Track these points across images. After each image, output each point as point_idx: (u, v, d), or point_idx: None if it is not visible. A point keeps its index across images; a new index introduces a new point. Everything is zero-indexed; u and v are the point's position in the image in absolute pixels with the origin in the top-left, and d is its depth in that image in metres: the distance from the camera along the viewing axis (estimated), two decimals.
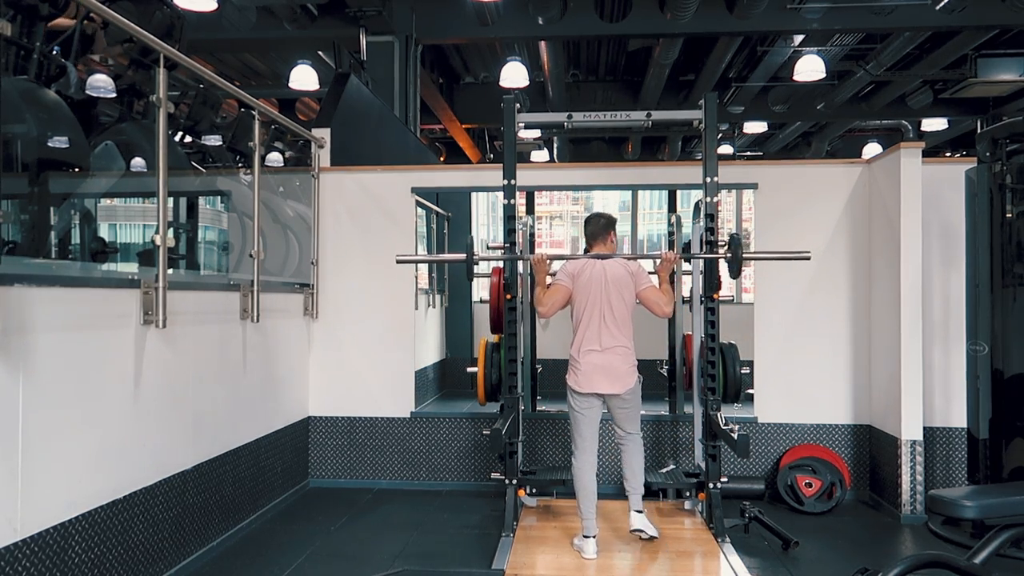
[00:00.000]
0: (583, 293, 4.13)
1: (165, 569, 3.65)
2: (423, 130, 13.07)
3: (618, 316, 4.10)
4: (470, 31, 8.97)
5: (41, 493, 2.81)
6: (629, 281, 4.13)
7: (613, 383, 4.08)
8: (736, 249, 4.21)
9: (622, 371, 4.09)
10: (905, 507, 4.74)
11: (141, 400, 3.45)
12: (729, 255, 4.27)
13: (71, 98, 4.68)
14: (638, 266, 4.22)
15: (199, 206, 6.67)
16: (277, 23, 8.87)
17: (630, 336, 4.15)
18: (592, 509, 4.08)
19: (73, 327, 3.02)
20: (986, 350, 4.46)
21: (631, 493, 4.22)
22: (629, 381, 4.11)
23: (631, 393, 4.14)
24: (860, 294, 5.32)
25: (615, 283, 4.11)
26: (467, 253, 4.48)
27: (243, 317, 4.45)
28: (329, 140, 5.76)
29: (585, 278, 4.14)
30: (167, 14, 5.74)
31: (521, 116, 4.77)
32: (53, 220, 4.59)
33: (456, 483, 5.57)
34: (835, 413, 5.33)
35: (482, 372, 4.96)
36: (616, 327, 4.09)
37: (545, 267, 4.24)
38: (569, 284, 4.17)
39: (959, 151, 15.20)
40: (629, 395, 4.13)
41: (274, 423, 4.99)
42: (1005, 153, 4.43)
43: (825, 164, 6.33)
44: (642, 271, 4.21)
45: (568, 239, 20.39)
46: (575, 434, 4.18)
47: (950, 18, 8.45)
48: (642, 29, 8.91)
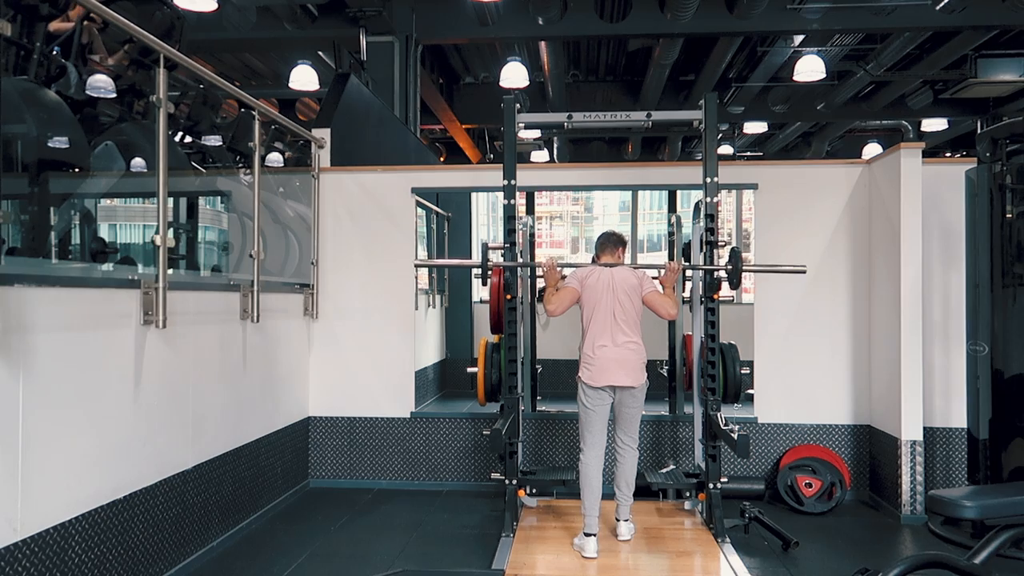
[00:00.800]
0: (592, 295, 4.23)
1: (165, 569, 3.65)
2: (423, 130, 13.07)
3: (628, 315, 4.19)
4: (470, 31, 8.98)
5: (41, 493, 2.81)
6: (637, 285, 4.24)
7: (628, 375, 4.15)
8: (736, 262, 4.35)
9: (636, 365, 4.17)
10: (905, 507, 4.74)
11: (141, 400, 3.45)
12: (729, 267, 4.40)
13: (71, 98, 4.68)
14: (644, 274, 4.34)
15: (199, 206, 6.67)
16: (277, 23, 8.87)
17: (640, 335, 4.24)
18: (596, 506, 4.09)
19: (73, 327, 3.02)
20: (986, 350, 4.46)
21: (621, 503, 4.30)
22: (642, 376, 4.20)
23: (641, 391, 4.22)
24: (860, 294, 5.32)
25: (623, 286, 4.21)
26: (482, 259, 4.50)
27: (243, 317, 4.45)
28: (329, 140, 5.76)
29: (593, 280, 4.25)
30: (167, 14, 5.74)
31: (521, 116, 4.77)
32: (53, 220, 4.59)
33: (456, 483, 5.57)
34: (835, 413, 5.33)
35: (482, 372, 4.97)
36: (627, 325, 4.18)
37: (556, 274, 4.39)
38: (578, 287, 4.26)
39: (959, 151, 15.20)
40: (640, 391, 4.21)
41: (274, 423, 4.99)
42: (1005, 153, 4.43)
43: (825, 164, 6.33)
44: (647, 278, 4.33)
45: (568, 239, 20.39)
46: (584, 431, 4.21)
47: (950, 18, 8.45)
48: (642, 29, 8.91)
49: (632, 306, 4.21)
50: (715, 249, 4.60)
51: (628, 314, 4.20)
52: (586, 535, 4.06)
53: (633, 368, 4.16)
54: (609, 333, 4.17)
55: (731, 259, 4.44)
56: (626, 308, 4.19)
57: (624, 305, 4.19)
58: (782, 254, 5.32)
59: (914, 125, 13.98)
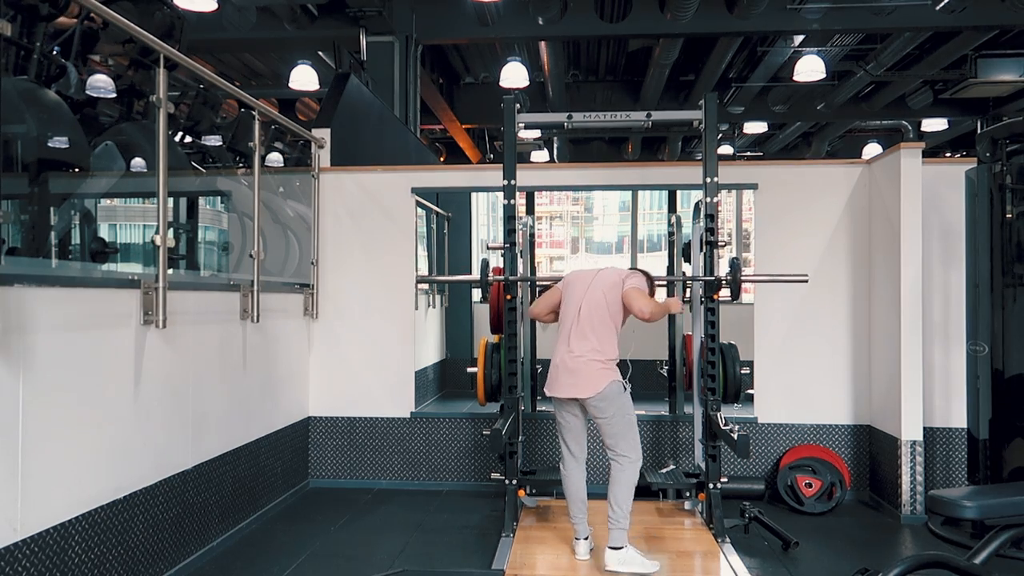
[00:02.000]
0: (567, 295, 4.03)
1: (165, 569, 3.65)
2: (423, 130, 13.08)
3: (596, 316, 3.87)
4: (470, 31, 8.98)
5: (41, 493, 2.81)
6: (618, 281, 3.95)
7: (576, 386, 3.81)
8: (735, 272, 4.36)
9: (587, 373, 3.79)
10: (905, 507, 4.74)
11: (141, 400, 3.45)
12: (728, 278, 4.41)
13: (71, 98, 4.68)
14: (633, 273, 4.07)
15: (199, 206, 6.67)
16: (277, 23, 8.88)
17: (609, 339, 3.87)
18: (579, 514, 4.00)
19: (73, 327, 3.02)
20: (986, 350, 4.46)
21: (610, 527, 3.78)
22: (598, 384, 3.77)
23: (603, 399, 3.78)
24: (860, 294, 5.32)
25: (602, 284, 3.95)
26: (481, 276, 4.50)
27: (243, 317, 4.45)
28: (329, 140, 5.76)
29: (573, 279, 4.09)
30: (167, 14, 5.75)
31: (521, 116, 4.77)
32: (53, 220, 4.59)
33: (456, 483, 5.57)
34: (835, 413, 5.33)
35: (482, 372, 4.96)
36: (591, 328, 3.86)
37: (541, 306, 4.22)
38: (560, 287, 4.14)
39: (959, 151, 15.21)
40: (601, 401, 3.79)
41: (274, 423, 4.99)
42: (1005, 153, 4.43)
43: (825, 164, 6.33)
44: (634, 275, 4.04)
45: (568, 239, 20.41)
46: (560, 442, 4.08)
47: (950, 18, 8.45)
48: (642, 29, 8.92)
49: (604, 305, 3.88)
50: (715, 249, 4.59)
51: (596, 315, 3.86)
52: (576, 539, 4.02)
53: (585, 377, 3.78)
54: (566, 338, 3.89)
55: (731, 270, 4.44)
56: (595, 308, 3.87)
57: (594, 305, 3.88)
58: (782, 254, 5.32)
59: (914, 125, 13.99)
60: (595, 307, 3.90)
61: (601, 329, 3.87)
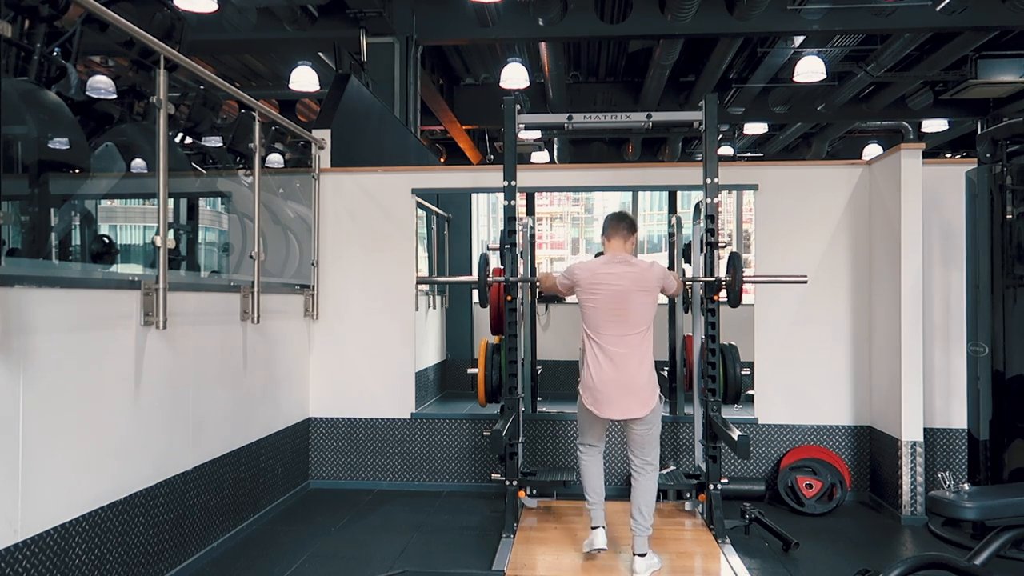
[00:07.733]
0: (597, 301, 3.79)
1: (165, 570, 3.65)
2: (423, 131, 13.09)
3: (642, 326, 3.75)
4: (470, 32, 8.98)
5: (41, 494, 2.81)
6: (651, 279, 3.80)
7: (631, 407, 3.72)
8: (736, 272, 4.33)
9: (642, 391, 3.72)
10: (905, 508, 4.74)
11: (141, 401, 3.45)
12: (729, 279, 4.39)
13: (71, 99, 4.68)
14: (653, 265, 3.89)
15: (199, 207, 6.67)
16: (277, 24, 8.88)
17: (650, 347, 3.79)
18: (597, 500, 3.95)
19: (74, 328, 3.02)
20: (986, 351, 4.46)
21: (636, 534, 3.79)
22: (651, 401, 3.74)
23: (653, 413, 3.79)
24: (860, 295, 5.32)
25: (638, 284, 3.76)
26: (479, 277, 4.48)
27: (244, 318, 4.45)
28: (329, 141, 5.76)
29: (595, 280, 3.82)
30: (167, 15, 5.76)
31: (521, 117, 4.77)
32: (54, 221, 4.59)
33: (456, 484, 5.57)
34: (835, 414, 5.33)
35: (482, 373, 4.96)
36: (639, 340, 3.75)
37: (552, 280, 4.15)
38: (567, 282, 3.97)
39: (959, 152, 15.20)
40: (651, 415, 3.78)
41: (274, 424, 4.99)
42: (1005, 154, 4.43)
43: (825, 165, 6.34)
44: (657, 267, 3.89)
45: (568, 240, 20.40)
46: (580, 433, 4.06)
47: (950, 19, 8.45)
48: (642, 30, 8.92)
49: (646, 312, 3.77)
50: (715, 250, 4.59)
51: (642, 324, 3.73)
52: (592, 528, 3.96)
53: (640, 396, 3.68)
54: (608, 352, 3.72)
55: (730, 267, 4.39)
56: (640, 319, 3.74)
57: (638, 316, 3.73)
58: (782, 255, 5.32)
59: (914, 126, 13.99)
60: (640, 318, 3.76)
61: (646, 339, 3.79)
